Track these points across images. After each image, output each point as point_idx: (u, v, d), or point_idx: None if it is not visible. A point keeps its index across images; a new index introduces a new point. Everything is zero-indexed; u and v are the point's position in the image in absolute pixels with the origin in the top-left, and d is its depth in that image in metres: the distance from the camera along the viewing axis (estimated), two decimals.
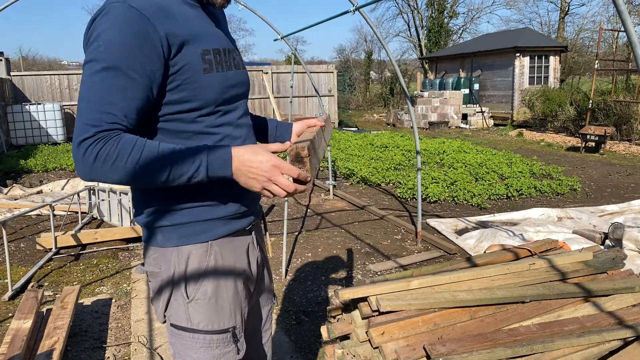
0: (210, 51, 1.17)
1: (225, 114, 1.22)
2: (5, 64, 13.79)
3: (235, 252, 1.28)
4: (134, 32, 1.04)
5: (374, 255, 4.32)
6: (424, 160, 8.70)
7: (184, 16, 1.15)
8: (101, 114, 1.02)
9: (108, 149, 1.01)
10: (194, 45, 1.13)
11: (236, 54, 1.30)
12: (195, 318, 1.22)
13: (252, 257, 1.35)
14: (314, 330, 2.86)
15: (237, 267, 1.28)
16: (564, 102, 14.08)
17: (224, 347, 1.24)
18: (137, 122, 1.08)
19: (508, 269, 1.91)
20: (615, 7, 1.49)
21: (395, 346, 1.50)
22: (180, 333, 1.24)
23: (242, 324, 1.30)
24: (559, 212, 5.29)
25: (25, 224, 5.45)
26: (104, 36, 1.03)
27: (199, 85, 1.13)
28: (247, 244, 1.33)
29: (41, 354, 2.33)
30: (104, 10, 1.05)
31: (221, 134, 1.20)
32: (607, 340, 1.63)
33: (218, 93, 1.18)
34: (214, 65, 1.17)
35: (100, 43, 1.03)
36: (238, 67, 1.28)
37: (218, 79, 1.17)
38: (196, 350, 1.23)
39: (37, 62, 38.21)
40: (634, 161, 9.48)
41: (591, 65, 16.92)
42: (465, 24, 31.48)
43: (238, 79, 1.26)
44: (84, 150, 1.01)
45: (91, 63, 1.04)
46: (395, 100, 25.20)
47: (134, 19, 1.04)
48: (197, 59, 1.13)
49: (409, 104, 4.42)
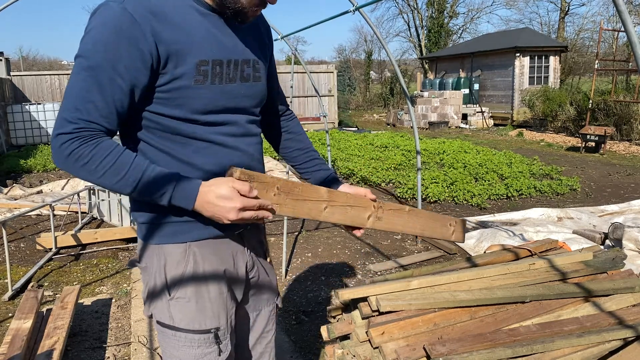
0: (209, 62, 1.15)
1: (219, 124, 1.21)
2: (5, 64, 13.79)
3: (219, 255, 1.27)
4: (123, 36, 1.04)
5: (374, 255, 4.32)
6: (424, 160, 8.70)
7: (187, 24, 1.13)
8: (80, 113, 1.04)
9: (83, 150, 1.04)
10: (189, 55, 1.12)
11: (249, 65, 1.26)
12: (177, 316, 1.24)
13: (240, 261, 1.33)
14: (314, 330, 2.86)
15: (220, 270, 1.27)
16: (564, 102, 14.08)
17: (205, 348, 1.25)
18: (117, 122, 1.10)
19: (508, 269, 1.91)
20: (615, 7, 1.49)
21: (395, 346, 1.50)
22: (164, 330, 1.26)
23: (227, 325, 1.29)
24: (559, 212, 5.29)
25: (25, 224, 5.45)
26: (93, 33, 1.05)
27: (187, 94, 1.13)
28: (233, 247, 1.31)
29: (41, 354, 2.33)
30: (101, 8, 1.06)
31: (212, 141, 1.20)
32: (607, 340, 1.63)
33: (208, 104, 1.16)
34: (210, 77, 1.15)
35: (89, 40, 1.05)
36: (247, 79, 1.25)
37: (211, 91, 1.16)
38: (178, 348, 1.25)
39: (37, 62, 38.20)
40: (634, 161, 9.48)
41: (591, 65, 16.92)
42: (465, 24, 31.49)
43: (242, 91, 1.24)
44: (59, 143, 1.04)
45: (79, 59, 1.06)
46: (395, 100, 25.20)
47: (125, 23, 1.04)
48: (190, 69, 1.12)
49: (409, 104, 4.42)
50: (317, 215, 1.35)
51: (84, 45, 1.05)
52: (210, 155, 1.21)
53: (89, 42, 1.05)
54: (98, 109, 1.05)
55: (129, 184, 1.07)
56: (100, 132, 1.07)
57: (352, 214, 1.45)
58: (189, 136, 1.18)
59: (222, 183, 1.07)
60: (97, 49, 1.04)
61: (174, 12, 1.11)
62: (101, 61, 1.04)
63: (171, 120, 1.16)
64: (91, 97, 1.04)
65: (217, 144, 1.21)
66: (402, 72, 14.00)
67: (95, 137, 1.05)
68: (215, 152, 1.21)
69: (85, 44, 1.05)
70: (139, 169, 1.07)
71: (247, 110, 1.28)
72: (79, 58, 1.05)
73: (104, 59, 1.04)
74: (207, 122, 1.18)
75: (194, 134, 1.18)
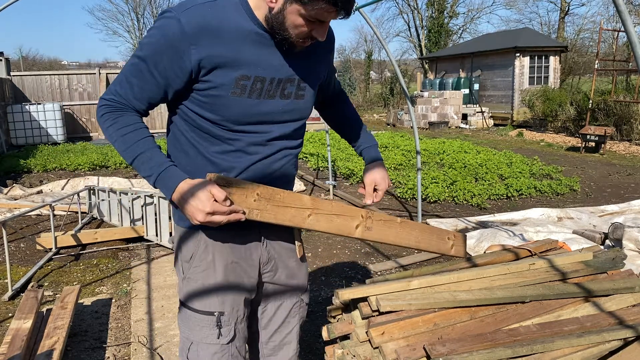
0: (250, 77, 1.25)
1: (249, 133, 1.31)
2: (5, 64, 13.78)
3: (230, 245, 1.37)
4: (169, 44, 1.20)
5: (374, 255, 4.32)
6: (424, 161, 8.70)
7: (237, 42, 1.23)
8: (119, 88, 1.26)
9: (109, 116, 1.25)
10: (231, 69, 1.23)
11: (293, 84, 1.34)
12: (187, 294, 1.38)
13: (254, 254, 1.42)
14: (314, 330, 2.86)
15: (229, 259, 1.37)
16: (564, 102, 14.07)
17: (206, 329, 1.36)
18: (146, 107, 1.28)
19: (508, 269, 1.90)
20: (615, 7, 1.49)
21: (395, 346, 1.50)
22: (180, 307, 1.42)
23: (233, 313, 1.38)
24: (559, 212, 5.29)
25: (25, 224, 5.45)
26: (152, 32, 1.23)
27: (222, 103, 1.25)
28: (248, 240, 1.40)
29: (41, 354, 2.33)
30: (165, 13, 1.23)
31: (236, 146, 1.31)
32: (607, 340, 1.63)
33: (241, 115, 1.27)
34: (248, 92, 1.26)
35: (148, 36, 1.24)
36: (288, 97, 1.34)
37: (245, 104, 1.27)
38: (185, 322, 1.40)
39: (37, 62, 38.23)
40: (634, 161, 9.48)
41: (591, 65, 16.91)
42: (465, 24, 31.50)
43: (279, 107, 1.32)
44: (99, 105, 1.28)
45: (138, 47, 1.26)
46: (395, 100, 25.19)
47: (176, 33, 1.19)
48: (229, 81, 1.23)
49: (409, 104, 4.42)
50: (301, 222, 1.38)
51: (144, 38, 1.25)
52: (233, 159, 1.31)
53: (147, 38, 1.24)
54: (133, 92, 1.25)
55: (129, 158, 1.24)
56: (128, 108, 1.26)
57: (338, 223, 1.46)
58: (217, 137, 1.29)
59: (202, 185, 1.16)
60: (149, 46, 1.22)
61: (227, 29, 1.22)
62: (147, 57, 1.22)
63: (204, 120, 1.28)
64: (131, 81, 1.25)
65: (242, 150, 1.31)
66: (402, 72, 13.99)
67: (122, 110, 1.25)
68: (239, 157, 1.31)
69: (145, 38, 1.25)
70: (139, 149, 1.23)
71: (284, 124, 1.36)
72: (138, 47, 1.25)
73: (150, 56, 1.22)
74: (237, 130, 1.29)
75: (222, 137, 1.29)
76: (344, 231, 1.48)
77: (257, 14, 1.24)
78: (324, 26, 1.22)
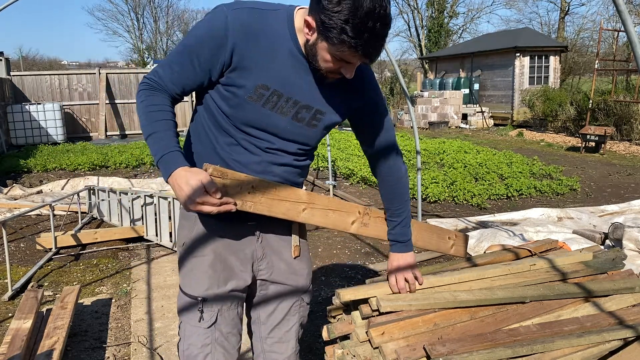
0: (270, 89, 1.31)
1: (252, 136, 1.36)
2: (5, 64, 13.79)
3: (222, 237, 1.43)
4: (212, 37, 1.27)
5: (374, 255, 4.32)
6: (424, 160, 8.70)
7: (272, 54, 1.29)
8: (161, 70, 1.33)
9: (143, 93, 1.33)
10: (255, 75, 1.29)
11: (309, 111, 1.37)
12: (180, 275, 1.48)
13: (247, 249, 1.47)
14: (314, 330, 2.86)
15: (218, 249, 1.43)
16: (564, 102, 14.07)
17: (190, 311, 1.45)
18: (180, 92, 1.34)
19: (509, 269, 1.90)
20: (615, 7, 1.49)
21: (395, 346, 1.50)
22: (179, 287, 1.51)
23: (217, 301, 1.44)
24: (559, 212, 5.29)
25: (25, 224, 5.45)
26: (200, 24, 1.30)
27: (236, 103, 1.32)
28: (241, 234, 1.45)
29: (41, 354, 2.33)
30: (215, 8, 1.29)
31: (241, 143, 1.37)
32: (607, 341, 1.63)
33: (250, 119, 1.34)
34: (263, 101, 1.32)
35: (196, 27, 1.31)
36: (300, 121, 1.38)
37: (257, 110, 1.33)
38: (178, 300, 1.49)
39: (37, 62, 38.25)
40: (634, 161, 9.48)
41: (591, 65, 16.91)
42: (465, 24, 31.50)
43: (287, 126, 1.37)
44: (141, 82, 1.36)
45: (186, 35, 1.32)
46: (395, 100, 25.17)
47: (220, 29, 1.26)
48: (249, 86, 1.30)
49: (409, 103, 4.42)
50: (295, 216, 1.39)
51: (192, 29, 1.32)
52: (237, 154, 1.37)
53: (194, 29, 1.31)
54: (172, 76, 1.32)
55: (145, 133, 1.30)
56: (163, 90, 1.33)
57: (334, 218, 1.47)
58: (226, 130, 1.36)
59: (196, 174, 1.20)
60: (194, 37, 1.29)
61: (266, 38, 1.29)
62: (191, 46, 1.29)
63: (219, 112, 1.35)
64: (172, 66, 1.32)
65: (245, 148, 1.37)
66: (402, 72, 13.98)
67: (156, 90, 1.33)
68: (242, 153, 1.37)
69: (192, 29, 1.32)
70: (155, 128, 1.29)
71: (287, 142, 1.40)
72: (186, 35, 1.32)
73: (193, 46, 1.29)
74: (243, 130, 1.35)
75: (230, 131, 1.36)
76: (339, 226, 1.49)
77: (299, 37, 1.31)
78: (351, 66, 1.28)
